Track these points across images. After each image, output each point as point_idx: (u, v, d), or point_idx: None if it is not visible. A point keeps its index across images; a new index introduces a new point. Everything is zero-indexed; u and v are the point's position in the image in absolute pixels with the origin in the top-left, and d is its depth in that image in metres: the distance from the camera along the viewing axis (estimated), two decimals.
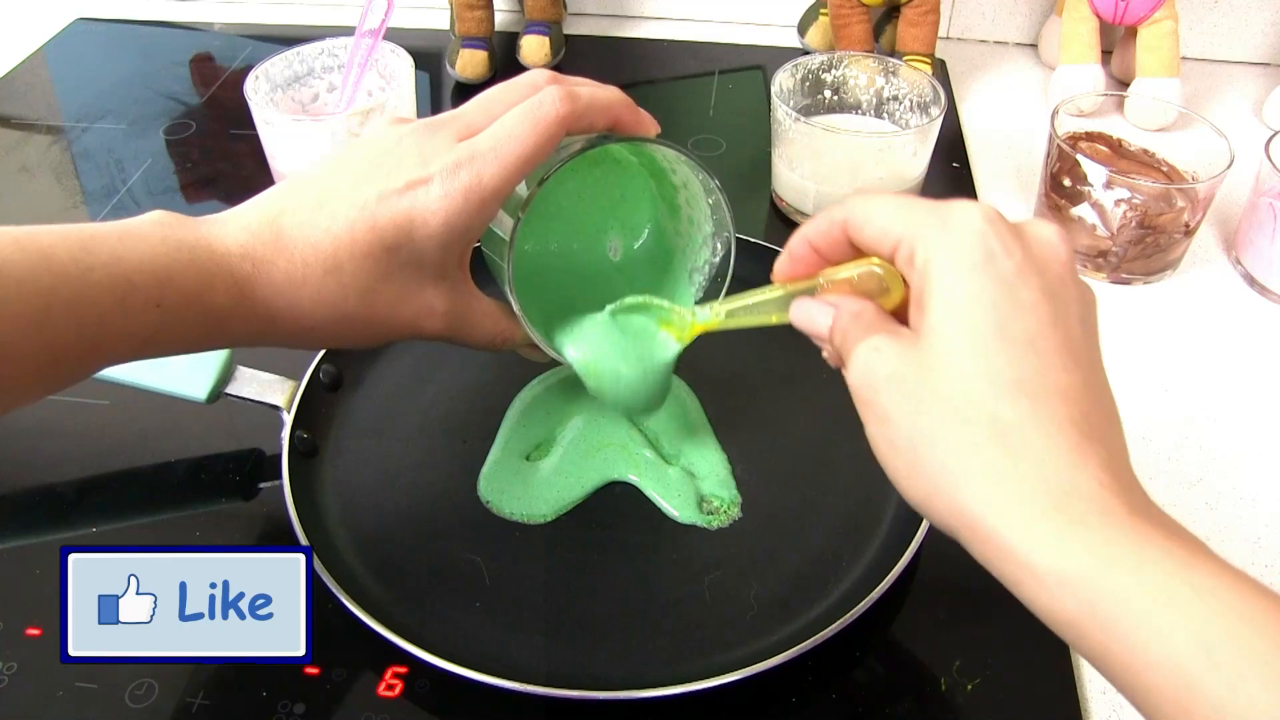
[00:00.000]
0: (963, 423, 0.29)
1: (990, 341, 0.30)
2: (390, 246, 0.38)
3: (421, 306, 0.40)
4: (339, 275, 0.38)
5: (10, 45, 0.94)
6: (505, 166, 0.38)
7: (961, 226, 0.31)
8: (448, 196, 0.37)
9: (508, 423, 0.54)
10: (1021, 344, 0.30)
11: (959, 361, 0.30)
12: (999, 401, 0.29)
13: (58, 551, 0.37)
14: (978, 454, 0.29)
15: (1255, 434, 0.56)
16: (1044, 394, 0.29)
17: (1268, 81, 0.88)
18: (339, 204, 0.38)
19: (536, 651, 0.44)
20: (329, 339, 0.41)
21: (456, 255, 0.40)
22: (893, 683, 0.44)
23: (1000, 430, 0.29)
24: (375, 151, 0.39)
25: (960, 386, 0.30)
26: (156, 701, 0.42)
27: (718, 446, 0.53)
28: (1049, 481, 0.28)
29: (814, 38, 0.93)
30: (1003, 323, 0.30)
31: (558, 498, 0.50)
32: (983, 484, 0.29)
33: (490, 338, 0.43)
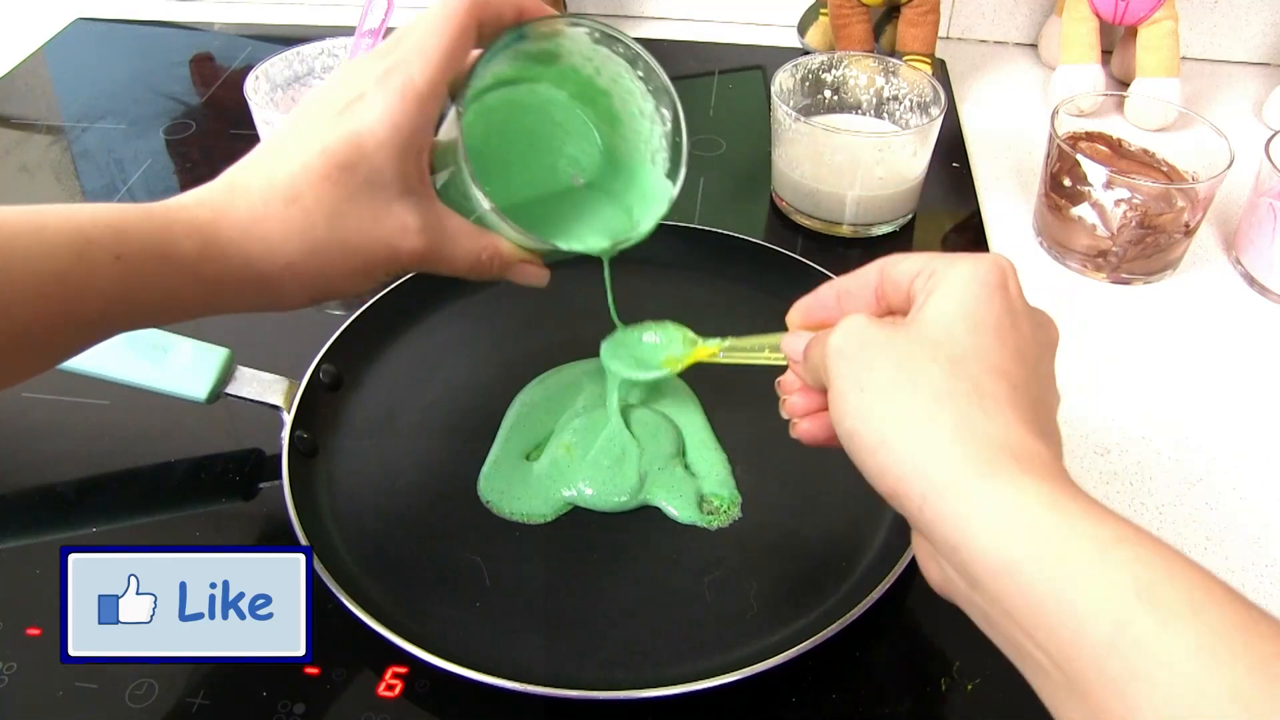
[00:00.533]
0: (947, 378, 0.32)
1: (985, 335, 0.33)
2: (345, 165, 0.38)
3: (394, 224, 0.39)
4: (301, 203, 0.37)
5: (10, 45, 0.94)
6: (430, 61, 0.38)
7: (985, 261, 0.34)
8: (385, 102, 0.38)
9: (507, 422, 0.54)
10: (1010, 349, 0.33)
11: (950, 339, 0.33)
12: (983, 374, 0.32)
13: (58, 551, 0.37)
14: (953, 405, 0.31)
15: (1255, 434, 0.56)
16: (1016, 387, 0.32)
17: (1268, 81, 0.88)
18: (288, 145, 0.38)
19: (536, 651, 0.44)
20: (313, 279, 0.39)
21: (414, 165, 0.39)
22: (893, 683, 0.44)
23: (979, 393, 0.31)
24: (312, 98, 0.40)
25: (949, 353, 0.32)
26: (156, 701, 0.42)
27: (718, 446, 0.53)
28: (1013, 442, 0.30)
29: (814, 38, 0.93)
30: (997, 327, 0.33)
31: (558, 498, 0.50)
32: (949, 428, 0.31)
33: (474, 255, 0.42)
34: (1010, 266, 0.35)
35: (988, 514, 0.28)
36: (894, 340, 0.34)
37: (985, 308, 0.33)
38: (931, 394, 0.31)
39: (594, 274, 0.64)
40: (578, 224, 0.47)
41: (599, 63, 0.46)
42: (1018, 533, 0.28)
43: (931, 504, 0.30)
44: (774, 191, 0.73)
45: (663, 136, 0.47)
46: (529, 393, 0.55)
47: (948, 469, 0.30)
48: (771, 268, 0.63)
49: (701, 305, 0.62)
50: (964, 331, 0.33)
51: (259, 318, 0.62)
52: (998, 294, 0.34)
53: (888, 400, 0.32)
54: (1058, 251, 0.68)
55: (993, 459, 0.29)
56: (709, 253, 0.65)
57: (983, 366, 0.32)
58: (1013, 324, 0.33)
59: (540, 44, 0.44)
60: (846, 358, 0.34)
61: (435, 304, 0.61)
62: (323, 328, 0.57)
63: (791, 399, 0.41)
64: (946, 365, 0.32)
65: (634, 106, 0.47)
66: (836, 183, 0.67)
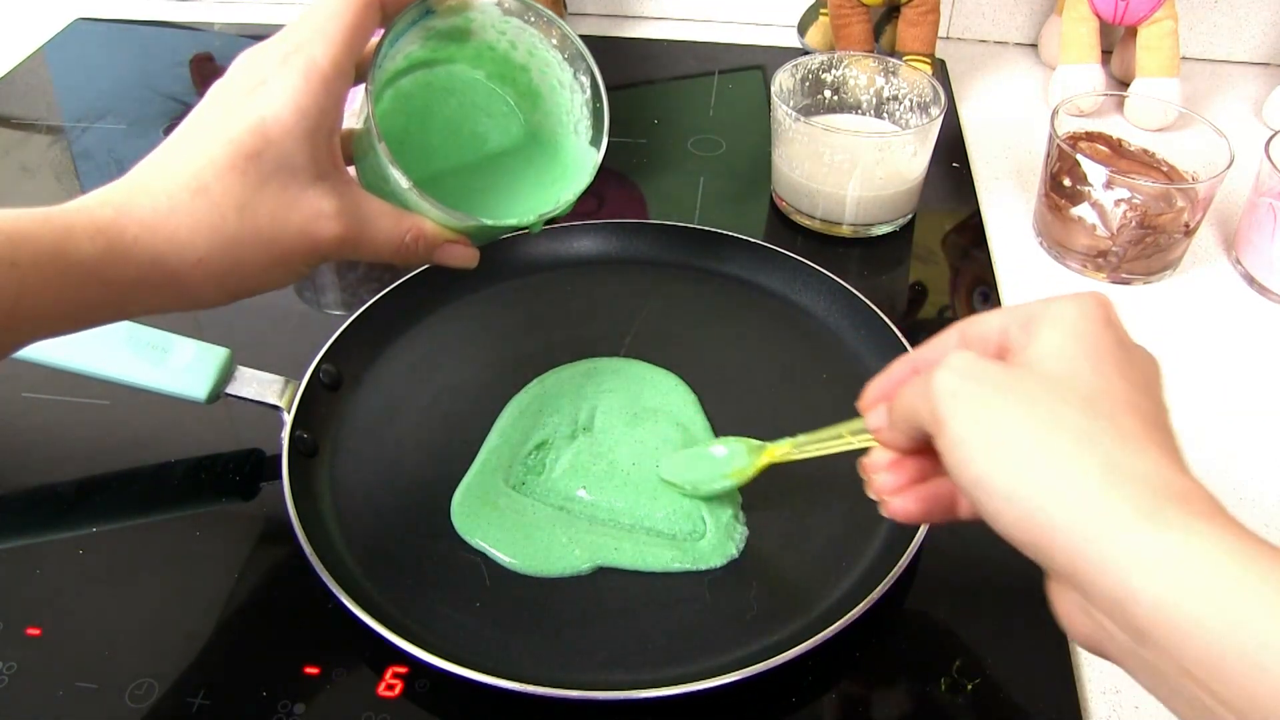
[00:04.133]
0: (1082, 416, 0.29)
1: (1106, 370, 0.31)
2: (251, 154, 0.36)
3: (309, 210, 0.38)
4: (208, 195, 0.36)
5: (10, 45, 0.94)
6: (332, 41, 0.38)
7: (1086, 297, 0.33)
8: (289, 86, 0.37)
9: (494, 434, 0.53)
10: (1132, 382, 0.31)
11: (1073, 375, 0.30)
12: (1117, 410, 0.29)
13: (58, 551, 0.37)
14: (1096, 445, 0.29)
15: (1255, 433, 0.56)
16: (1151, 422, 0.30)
17: (1268, 81, 0.88)
18: (191, 138, 0.37)
19: (536, 651, 0.44)
20: (227, 274, 0.38)
21: (325, 148, 0.38)
22: (893, 683, 0.44)
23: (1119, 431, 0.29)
24: (214, 89, 0.39)
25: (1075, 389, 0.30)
26: (156, 701, 0.42)
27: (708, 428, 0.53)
28: (1170, 480, 0.28)
29: (814, 38, 0.93)
30: (1114, 361, 0.31)
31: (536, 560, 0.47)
32: (1098, 470, 0.28)
33: (398, 237, 0.41)
34: (1110, 301, 0.33)
35: (1159, 564, 0.26)
36: (1016, 377, 0.31)
37: (1102, 342, 0.31)
38: (1071, 436, 0.28)
39: (593, 275, 0.64)
40: (502, 199, 0.47)
41: (513, 35, 0.45)
42: (1197, 584, 0.25)
43: (1088, 556, 0.27)
44: (774, 191, 0.73)
45: (583, 105, 0.47)
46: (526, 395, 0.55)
47: (1105, 515, 0.27)
48: (771, 268, 0.63)
49: (701, 305, 0.62)
50: (1088, 368, 0.30)
51: (259, 317, 0.62)
52: (1109, 328, 0.32)
53: (1020, 444, 0.29)
54: (1058, 251, 0.68)
55: (1154, 501, 0.27)
56: (709, 253, 0.65)
57: (1116, 403, 0.29)
58: (1129, 357, 0.31)
59: (449, 19, 0.44)
60: (962, 398, 0.31)
61: (435, 304, 0.61)
62: (323, 328, 0.57)
63: (879, 478, 0.37)
64: (1080, 406, 0.29)
65: (553, 78, 0.47)
66: (836, 183, 0.67)
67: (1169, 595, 0.25)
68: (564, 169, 0.48)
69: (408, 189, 0.41)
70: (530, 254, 0.65)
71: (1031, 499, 0.28)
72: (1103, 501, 0.27)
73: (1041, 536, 0.28)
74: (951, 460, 0.31)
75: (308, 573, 0.44)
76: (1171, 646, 0.25)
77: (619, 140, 0.81)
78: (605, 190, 0.76)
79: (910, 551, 0.44)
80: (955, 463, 0.31)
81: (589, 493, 0.50)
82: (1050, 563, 0.29)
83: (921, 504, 0.36)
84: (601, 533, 0.48)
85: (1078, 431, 0.29)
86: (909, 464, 0.36)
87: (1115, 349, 0.31)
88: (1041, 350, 0.31)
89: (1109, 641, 0.28)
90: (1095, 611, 0.28)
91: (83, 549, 0.49)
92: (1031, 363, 0.31)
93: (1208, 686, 0.25)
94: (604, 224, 0.66)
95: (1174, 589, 0.25)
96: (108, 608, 0.46)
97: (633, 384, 0.56)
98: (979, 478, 0.30)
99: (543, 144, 0.49)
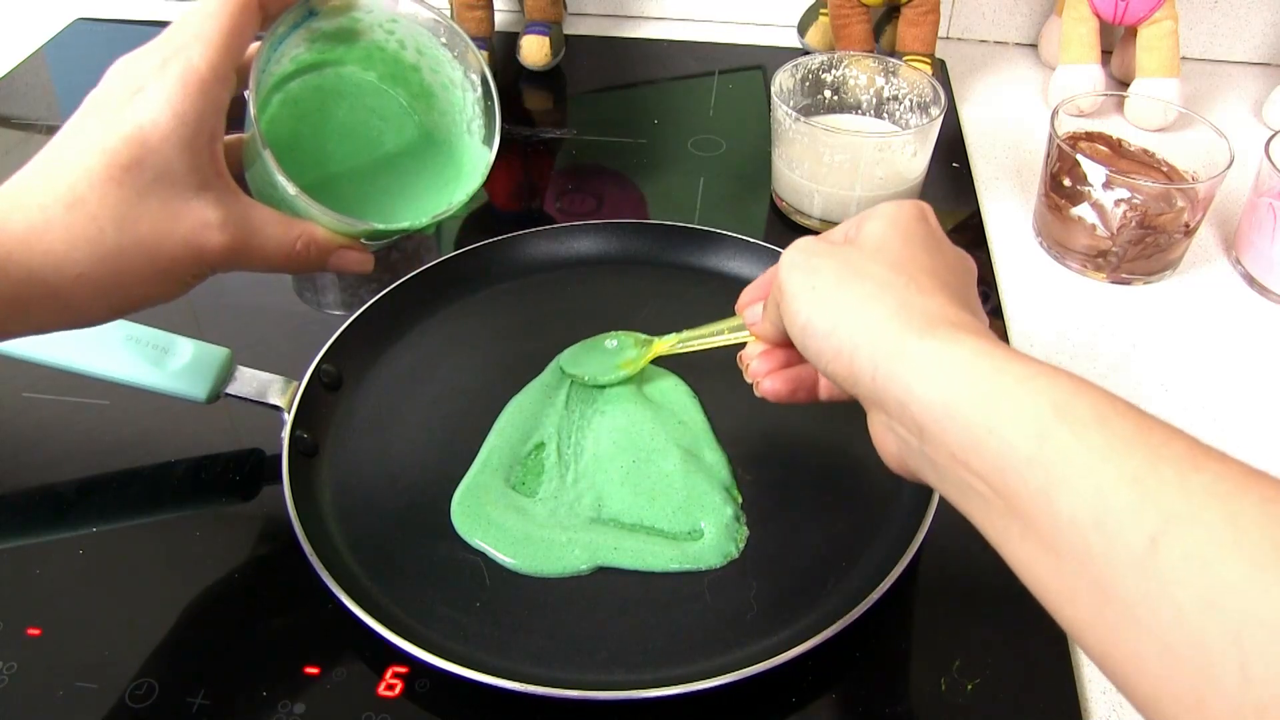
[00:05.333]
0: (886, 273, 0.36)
1: (913, 246, 0.38)
2: (128, 164, 0.35)
3: (193, 222, 0.37)
4: (84, 208, 0.35)
5: (10, 45, 0.94)
6: (210, 43, 0.37)
7: (906, 202, 0.40)
8: (166, 92, 0.36)
9: (494, 434, 0.53)
10: (935, 258, 0.37)
11: (885, 247, 0.37)
12: (916, 270, 0.36)
13: (58, 551, 0.37)
14: (893, 289, 0.35)
15: (1255, 434, 0.56)
16: (944, 283, 0.36)
17: (1268, 81, 0.88)
18: (65, 150, 0.36)
19: (536, 651, 0.44)
20: (110, 289, 0.37)
21: (206, 156, 0.37)
22: (893, 683, 0.44)
23: (914, 282, 0.35)
24: (89, 99, 0.38)
25: (885, 257, 0.37)
26: (156, 701, 0.42)
27: (718, 446, 0.53)
28: (948, 314, 0.34)
29: (814, 38, 0.93)
30: (922, 243, 0.38)
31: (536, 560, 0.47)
32: (892, 306, 0.34)
33: (288, 245, 0.40)
34: (928, 206, 0.40)
35: (929, 367, 0.32)
36: (837, 249, 0.38)
37: (913, 229, 0.38)
38: (875, 284, 0.35)
39: (593, 275, 0.64)
40: (396, 201, 0.46)
41: (401, 34, 0.45)
42: (955, 378, 0.31)
43: (882, 369, 0.33)
44: (774, 191, 0.73)
45: (475, 103, 0.46)
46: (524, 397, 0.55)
47: (893, 337, 0.33)
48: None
49: (701, 305, 0.62)
50: (898, 244, 0.37)
51: (260, 317, 0.62)
52: (922, 222, 0.39)
53: (836, 292, 0.36)
54: (1058, 251, 0.68)
55: (930, 324, 0.33)
56: (709, 253, 0.65)
57: (917, 267, 0.36)
58: (938, 245, 0.38)
59: (335, 20, 0.43)
60: (796, 267, 0.38)
61: (435, 304, 0.61)
62: (323, 328, 0.57)
63: (754, 364, 0.44)
64: (886, 266, 0.36)
65: (444, 77, 0.47)
66: (836, 183, 0.67)
67: (935, 390, 0.31)
68: (458, 169, 0.48)
69: (295, 195, 0.40)
70: (530, 254, 0.65)
71: (841, 334, 0.35)
72: (893, 327, 0.34)
73: (850, 364, 0.34)
74: (788, 316, 0.38)
75: (308, 573, 0.44)
76: (939, 434, 0.31)
77: (619, 140, 0.81)
78: (605, 190, 0.76)
79: (910, 551, 0.44)
80: (789, 316, 0.37)
81: (589, 492, 0.50)
82: (858, 388, 0.35)
83: (787, 384, 0.43)
84: (601, 533, 0.48)
85: (880, 280, 0.35)
86: (778, 353, 0.44)
87: (926, 237, 0.38)
88: (864, 232, 0.39)
89: (908, 453, 0.34)
90: (894, 424, 0.34)
91: (83, 549, 0.49)
92: (856, 241, 0.39)
93: (966, 464, 0.30)
94: (604, 224, 0.66)
95: (938, 385, 0.31)
96: (108, 608, 0.46)
97: (633, 383, 0.56)
98: (805, 323, 0.36)
99: (437, 144, 0.48)
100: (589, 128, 0.82)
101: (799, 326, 0.37)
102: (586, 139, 0.81)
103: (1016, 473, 0.29)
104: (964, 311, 0.35)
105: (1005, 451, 0.29)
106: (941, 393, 0.31)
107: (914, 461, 0.34)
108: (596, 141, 0.81)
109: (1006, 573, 0.31)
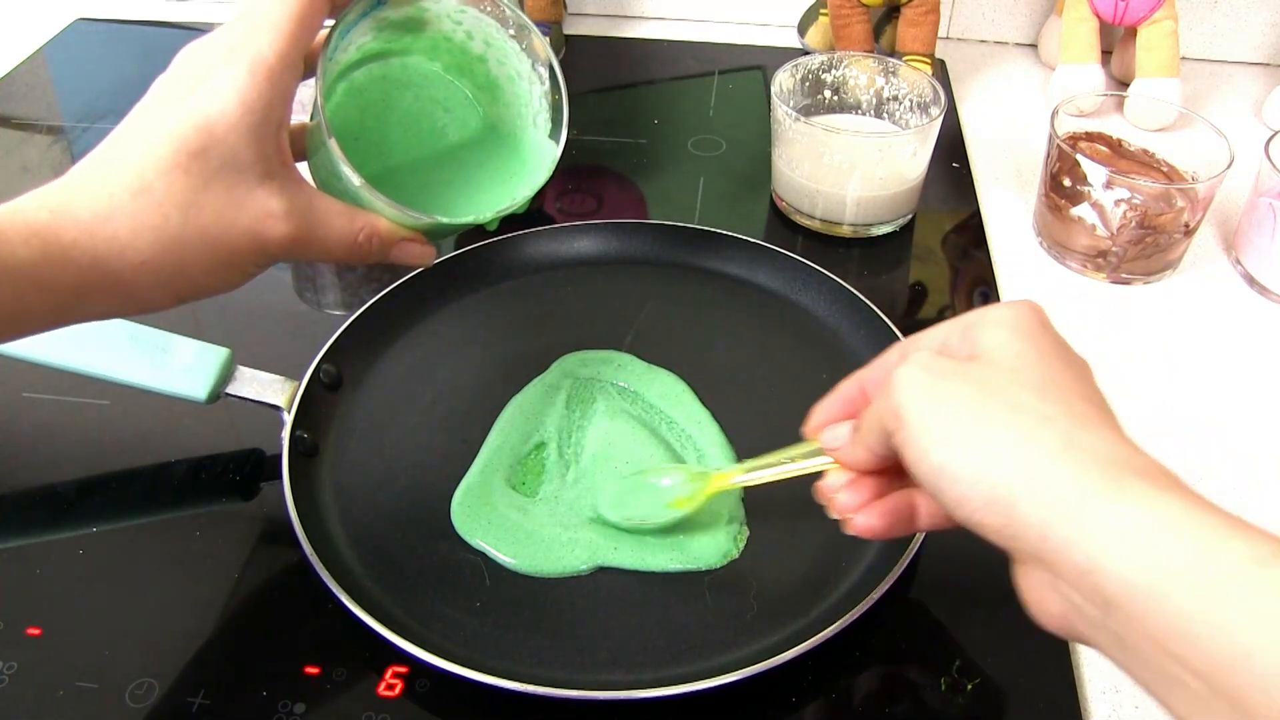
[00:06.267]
0: (1036, 400, 0.30)
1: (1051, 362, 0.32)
2: (195, 152, 0.35)
3: (257, 211, 0.37)
4: (150, 195, 0.35)
5: (10, 45, 0.94)
6: (279, 32, 0.36)
7: (1021, 302, 0.34)
8: (234, 80, 0.35)
9: (494, 434, 0.53)
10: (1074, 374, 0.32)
11: (1023, 366, 0.32)
12: (1067, 394, 0.31)
13: (58, 551, 0.37)
14: (1053, 425, 0.30)
15: (1255, 434, 0.56)
16: (1099, 406, 0.31)
17: (1268, 81, 0.88)
18: (132, 136, 0.36)
19: (536, 651, 0.44)
20: (172, 277, 0.36)
21: (273, 145, 0.37)
22: (893, 683, 0.44)
23: (1072, 412, 0.30)
24: (156, 85, 0.37)
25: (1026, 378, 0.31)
26: (156, 701, 0.42)
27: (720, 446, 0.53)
28: (1127, 457, 0.29)
29: (814, 38, 0.93)
30: (1057, 355, 0.33)
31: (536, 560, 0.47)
32: (1059, 447, 0.29)
33: (350, 237, 0.40)
34: (1042, 308, 0.34)
35: (1125, 533, 0.27)
36: (968, 370, 0.32)
37: (1044, 340, 0.33)
38: (1030, 416, 0.30)
39: (593, 275, 0.64)
40: (459, 194, 0.46)
41: (469, 25, 0.45)
42: (1161, 551, 0.26)
43: (1056, 529, 0.28)
44: (774, 191, 0.73)
45: (542, 96, 0.46)
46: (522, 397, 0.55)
47: (1069, 490, 0.28)
48: (771, 268, 0.63)
49: (701, 305, 0.62)
50: (1036, 360, 0.32)
51: (259, 317, 0.62)
52: (1047, 330, 0.33)
53: (981, 427, 0.30)
54: (1058, 251, 0.68)
55: (1116, 474, 0.28)
56: (709, 253, 0.65)
57: (1067, 389, 0.31)
58: (1068, 356, 0.33)
59: (402, 9, 0.43)
60: (921, 390, 0.32)
61: (435, 304, 0.61)
62: (323, 328, 0.57)
63: (840, 497, 0.38)
64: (1033, 390, 0.30)
65: (511, 68, 0.46)
66: (836, 183, 0.67)
67: (1134, 564, 0.26)
68: (522, 163, 0.47)
69: (359, 187, 0.40)
70: (530, 254, 0.65)
71: (995, 480, 0.29)
72: (1066, 476, 0.28)
73: (1008, 517, 0.29)
74: (913, 453, 0.32)
75: (308, 573, 0.44)
76: (1138, 615, 0.26)
77: (619, 140, 0.81)
78: (605, 190, 0.76)
79: (910, 552, 0.44)
80: (917, 454, 0.31)
81: (589, 493, 0.50)
82: (1016, 543, 0.29)
83: (884, 518, 0.37)
84: (601, 533, 0.48)
85: (1034, 413, 0.30)
86: (867, 481, 0.37)
87: (1056, 346, 0.33)
88: (990, 345, 0.33)
89: (1079, 619, 0.29)
90: (1064, 588, 0.29)
91: (83, 549, 0.49)
92: (984, 356, 0.33)
93: (1175, 655, 0.25)
94: (604, 224, 0.66)
95: (1139, 559, 0.26)
96: (108, 608, 0.46)
97: (633, 384, 0.56)
98: (942, 465, 0.31)
99: (502, 136, 0.48)
100: (589, 128, 0.82)
101: (932, 468, 0.31)
102: (586, 139, 0.81)
103: (1253, 682, 0.24)
104: (1139, 451, 0.29)
105: (1237, 654, 0.24)
106: (1146, 572, 0.26)
107: (1088, 630, 0.29)
108: (596, 141, 0.81)
109: (1007, 573, 0.31)
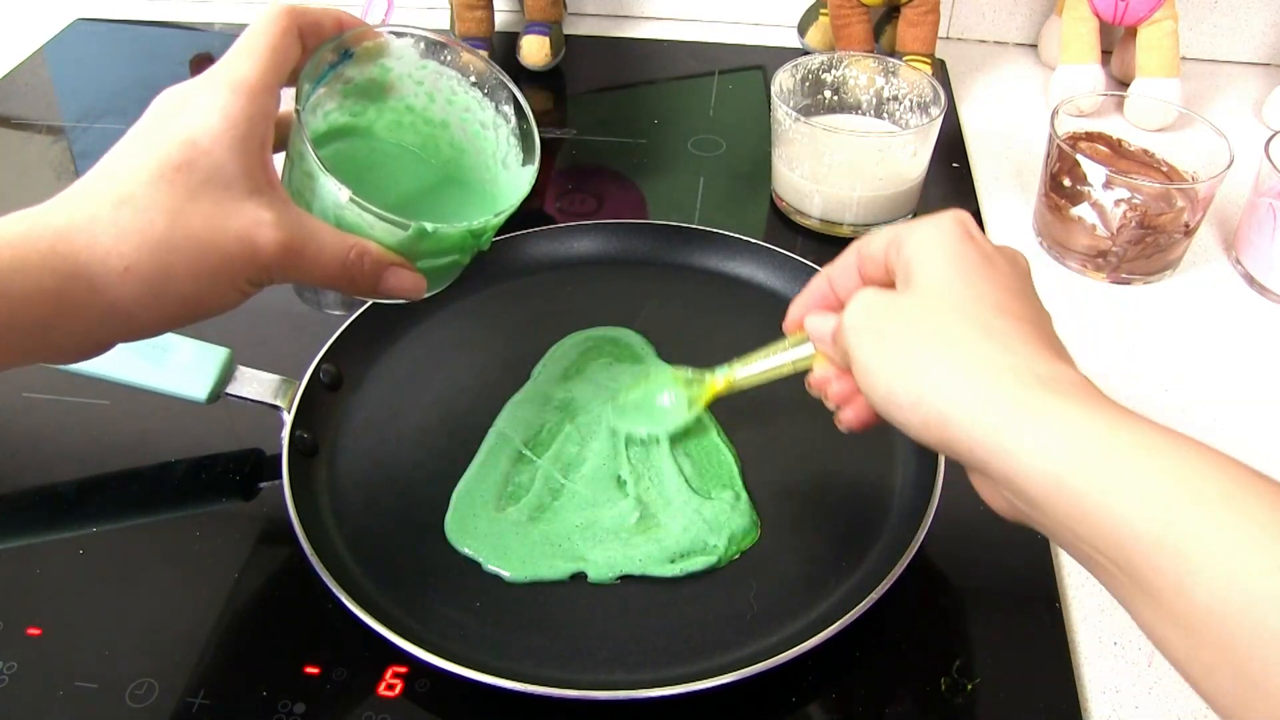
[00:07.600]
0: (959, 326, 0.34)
1: (974, 281, 0.35)
2: (180, 165, 0.35)
3: (247, 219, 0.36)
4: (134, 204, 0.35)
5: (10, 45, 0.94)
6: (257, 57, 0.38)
7: (944, 218, 0.37)
8: (216, 98, 0.36)
9: (492, 435, 0.53)
10: (998, 286, 0.35)
11: (949, 291, 0.35)
12: (988, 314, 0.34)
13: (58, 551, 0.37)
14: (974, 349, 0.33)
15: (1255, 433, 0.56)
16: (1018, 318, 0.34)
17: (1268, 81, 0.88)
18: (113, 161, 0.36)
19: (536, 651, 0.44)
20: (159, 287, 0.35)
21: (258, 160, 0.37)
22: (893, 683, 0.44)
23: (990, 332, 0.34)
24: (135, 125, 0.38)
25: (952, 304, 0.35)
26: (156, 701, 0.42)
27: (727, 445, 0.53)
28: (1037, 369, 0.32)
29: (814, 38, 0.93)
30: (980, 272, 0.36)
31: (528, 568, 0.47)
32: (978, 370, 0.33)
33: (342, 253, 0.39)
34: (968, 216, 0.37)
35: (1032, 442, 0.30)
36: (899, 304, 0.36)
37: (963, 256, 0.36)
38: (953, 345, 0.33)
39: (593, 275, 0.64)
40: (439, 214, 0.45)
41: (430, 84, 0.45)
42: (1061, 452, 0.30)
43: (980, 444, 0.32)
44: (774, 191, 0.73)
45: (509, 136, 0.46)
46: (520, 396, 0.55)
47: (987, 410, 0.32)
48: (771, 268, 0.63)
49: (701, 305, 0.62)
50: (955, 281, 0.35)
51: (260, 317, 0.62)
52: (969, 242, 0.36)
53: (914, 359, 0.34)
54: (1058, 251, 0.68)
55: (1025, 390, 0.31)
56: (709, 253, 0.65)
57: (984, 307, 0.34)
58: (991, 264, 0.36)
59: (366, 69, 0.43)
60: (861, 330, 0.36)
61: (436, 304, 0.61)
62: (323, 328, 0.57)
63: (832, 387, 0.42)
64: (957, 316, 0.34)
65: (474, 124, 0.47)
66: (836, 183, 0.67)
67: (1040, 466, 0.30)
68: (493, 201, 0.47)
69: (346, 200, 0.39)
70: (530, 254, 0.65)
71: (928, 403, 0.33)
72: (980, 395, 0.32)
73: (942, 434, 0.33)
74: (864, 385, 0.36)
75: (308, 573, 0.44)
76: (1052, 510, 0.30)
77: (619, 140, 0.81)
78: (605, 190, 0.76)
79: (910, 551, 0.44)
80: (866, 387, 0.36)
81: (588, 493, 0.50)
82: (955, 454, 0.33)
83: (868, 412, 0.40)
84: (598, 538, 0.48)
85: (956, 339, 0.34)
86: (850, 377, 0.40)
87: (980, 261, 0.36)
88: (917, 272, 0.36)
89: (1017, 512, 0.33)
90: (1001, 488, 0.33)
91: (83, 549, 0.49)
92: (912, 285, 0.36)
93: (1086, 539, 0.30)
94: (604, 224, 0.66)
95: (1044, 460, 0.30)
96: (108, 608, 0.46)
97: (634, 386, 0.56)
98: (886, 394, 0.35)
99: (470, 187, 0.48)
100: (589, 128, 0.82)
101: (880, 397, 0.35)
102: (586, 139, 0.81)
103: (1143, 554, 0.28)
104: (1050, 358, 0.33)
105: (1128, 531, 0.28)
106: (1049, 469, 0.30)
107: (1028, 521, 0.33)
108: (596, 141, 0.81)
109: (1006, 573, 0.31)
